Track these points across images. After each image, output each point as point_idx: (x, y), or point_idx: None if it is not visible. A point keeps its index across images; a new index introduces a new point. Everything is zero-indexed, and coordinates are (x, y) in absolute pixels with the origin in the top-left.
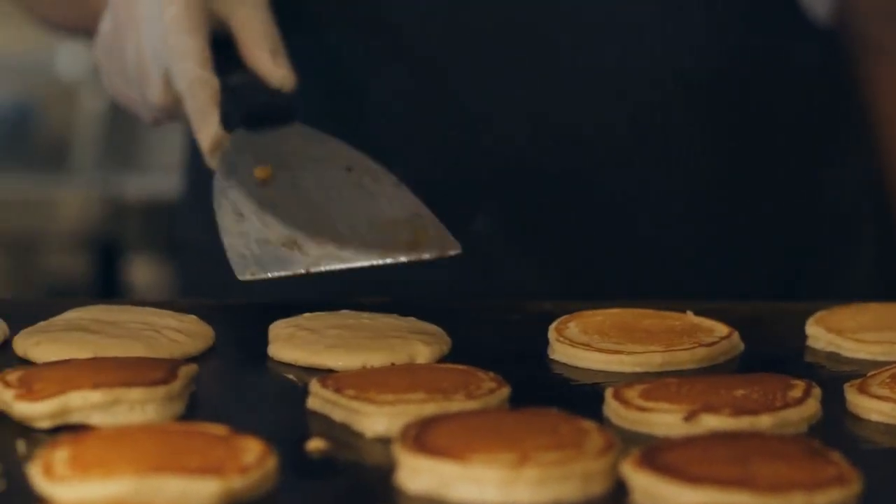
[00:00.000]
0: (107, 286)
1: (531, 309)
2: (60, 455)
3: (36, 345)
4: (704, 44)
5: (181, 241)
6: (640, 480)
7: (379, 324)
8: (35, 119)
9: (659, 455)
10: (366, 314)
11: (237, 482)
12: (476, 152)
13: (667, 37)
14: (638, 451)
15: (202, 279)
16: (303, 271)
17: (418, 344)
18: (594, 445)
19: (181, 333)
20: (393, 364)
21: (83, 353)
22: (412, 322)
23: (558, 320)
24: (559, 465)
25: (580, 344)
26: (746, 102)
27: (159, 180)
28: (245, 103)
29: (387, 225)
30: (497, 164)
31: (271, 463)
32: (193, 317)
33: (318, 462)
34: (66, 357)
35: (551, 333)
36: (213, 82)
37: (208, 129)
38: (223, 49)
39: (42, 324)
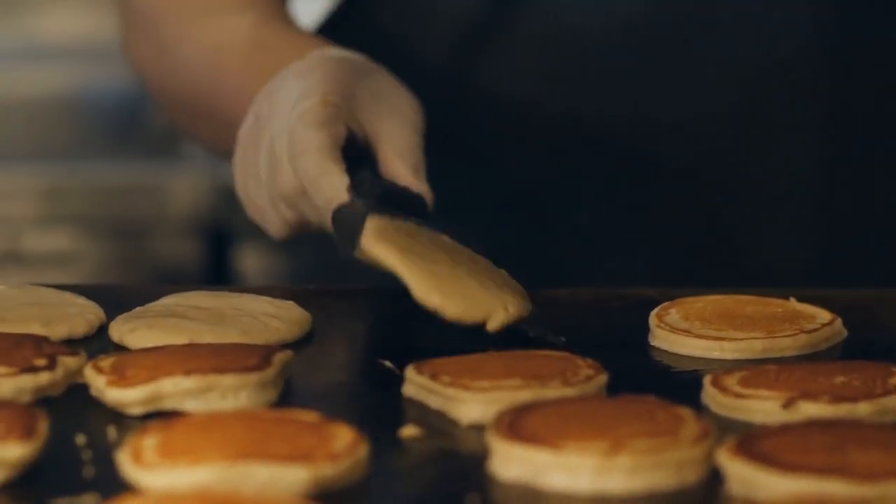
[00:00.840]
0: (217, 273)
1: (633, 296)
2: (149, 442)
3: (131, 331)
4: (811, 32)
5: None
6: (736, 469)
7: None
8: (148, 106)
9: (755, 443)
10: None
11: (327, 469)
12: (580, 143)
13: (773, 26)
14: (733, 438)
15: (313, 266)
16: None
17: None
18: (689, 433)
19: (277, 319)
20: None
21: (178, 340)
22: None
23: (659, 307)
24: (653, 452)
25: (681, 330)
26: (854, 91)
27: None
28: (379, 186)
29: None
30: (601, 154)
31: (362, 450)
32: (291, 303)
33: (410, 450)
34: (161, 343)
35: (652, 320)
36: (340, 174)
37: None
38: (361, 161)
39: (138, 309)
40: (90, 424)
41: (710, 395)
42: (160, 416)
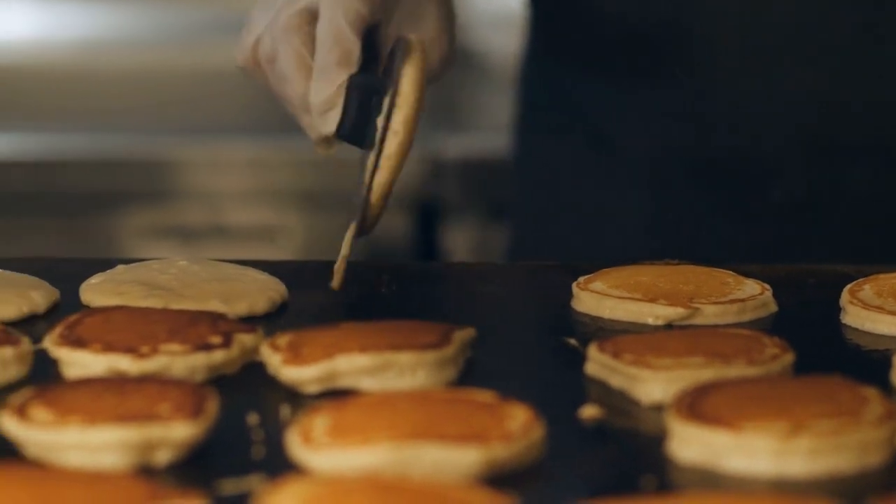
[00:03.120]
0: (426, 248)
1: (827, 272)
2: (319, 421)
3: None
4: None
5: (507, 202)
6: None
7: None
8: None
9: None
10: None
11: (500, 450)
12: (774, 123)
13: None
14: None
15: (526, 241)
16: None
17: None
18: (873, 414)
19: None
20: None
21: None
22: None
23: (853, 283)
24: (834, 434)
25: (873, 307)
26: None
27: (481, 140)
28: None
29: None
30: (794, 134)
31: (537, 431)
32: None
33: (589, 430)
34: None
35: (844, 296)
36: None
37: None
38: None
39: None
40: (264, 403)
41: None
42: (336, 395)
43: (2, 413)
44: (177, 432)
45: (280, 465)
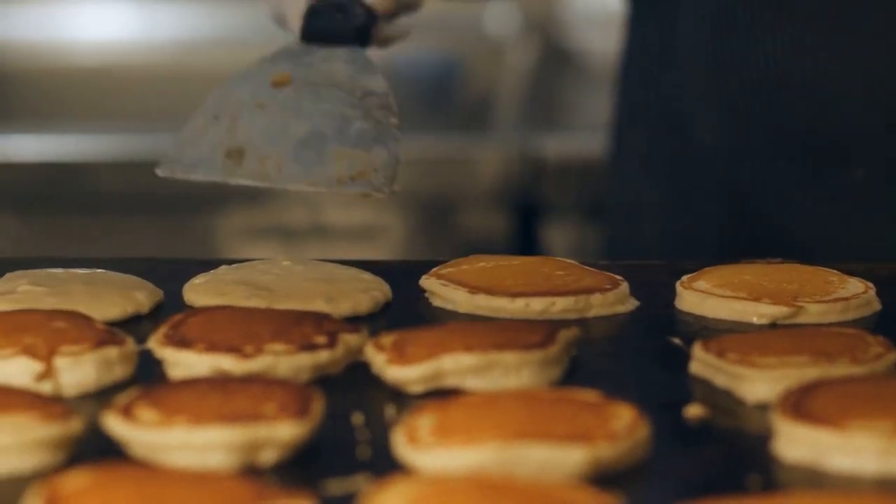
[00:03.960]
0: (525, 246)
1: None
2: (425, 421)
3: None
4: None
5: (605, 202)
6: None
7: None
8: (460, 77)
9: None
10: None
11: (605, 450)
12: (852, 105)
13: None
14: None
15: (625, 241)
16: (219, 180)
17: None
18: None
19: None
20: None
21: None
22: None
23: None
24: None
25: None
26: None
27: (581, 140)
28: (327, 18)
29: (342, 154)
30: (873, 115)
31: (643, 430)
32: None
33: (694, 429)
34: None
35: None
36: None
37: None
38: None
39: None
40: (369, 403)
41: None
42: (441, 395)
43: (108, 413)
44: (282, 432)
45: (385, 465)
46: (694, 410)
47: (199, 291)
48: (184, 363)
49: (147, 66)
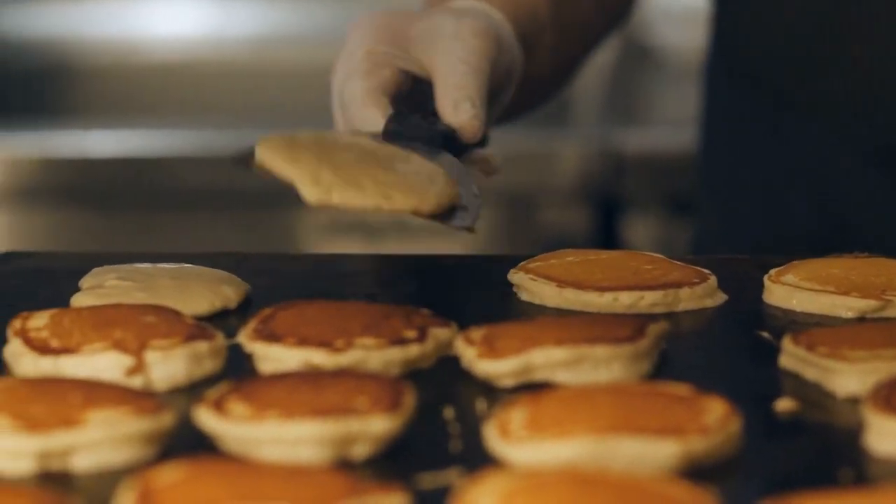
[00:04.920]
0: (605, 241)
1: None
2: (517, 415)
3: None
4: None
5: (689, 196)
6: None
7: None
8: None
9: None
10: None
11: (697, 444)
12: None
13: None
14: None
15: (712, 237)
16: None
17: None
18: None
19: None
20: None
21: None
22: None
23: None
24: None
25: None
26: None
27: (662, 135)
28: (418, 122)
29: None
30: None
31: (735, 424)
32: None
33: (785, 423)
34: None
35: None
36: (377, 113)
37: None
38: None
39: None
40: (459, 397)
41: None
42: (531, 389)
43: (200, 407)
44: (375, 426)
45: (477, 459)
46: (784, 404)
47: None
48: (274, 357)
49: (225, 62)
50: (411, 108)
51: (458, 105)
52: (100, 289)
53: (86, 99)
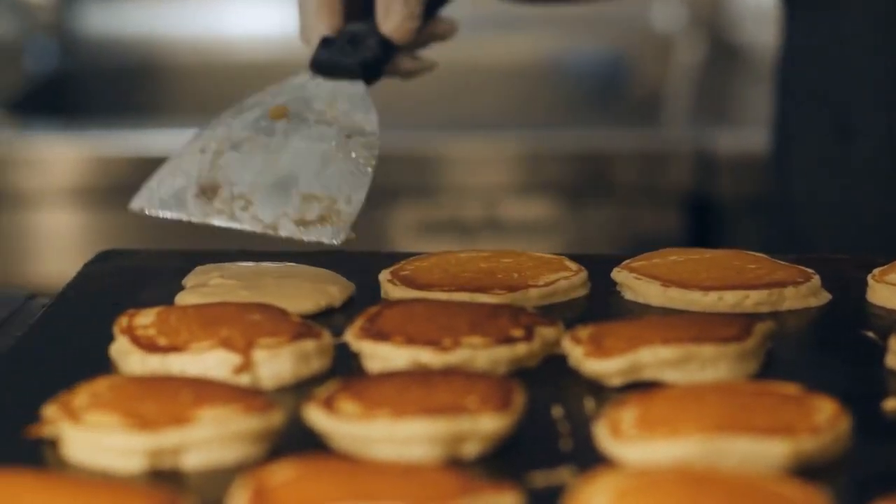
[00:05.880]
0: (696, 240)
1: None
2: (627, 414)
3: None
4: None
5: (776, 197)
6: None
7: None
8: (629, 72)
9: None
10: None
11: (808, 443)
12: None
13: None
14: None
15: (797, 235)
16: (185, 219)
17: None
18: None
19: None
20: None
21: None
22: None
23: None
24: None
25: None
26: None
27: (751, 134)
28: (336, 50)
29: (308, 197)
30: None
31: (844, 423)
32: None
33: (893, 422)
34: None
35: None
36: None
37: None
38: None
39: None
40: (567, 396)
41: None
42: (638, 388)
43: (310, 406)
44: (485, 425)
45: (588, 458)
46: (892, 404)
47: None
48: (382, 356)
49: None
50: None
51: (389, 6)
52: (204, 287)
53: (177, 97)
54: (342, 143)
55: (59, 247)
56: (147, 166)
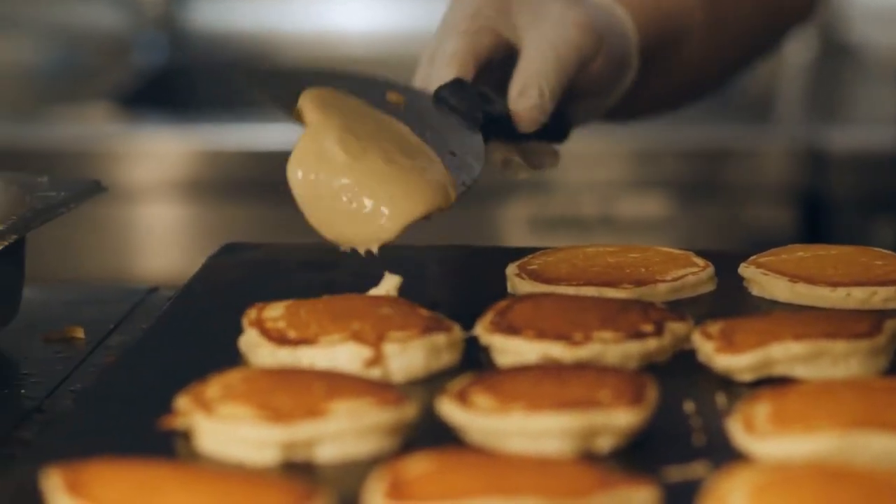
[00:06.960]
0: (810, 239)
1: None
2: (761, 409)
3: None
4: None
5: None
6: None
7: None
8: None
9: None
10: None
11: None
12: None
13: None
14: None
15: None
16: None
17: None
18: None
19: None
20: None
21: None
22: None
23: None
24: None
25: None
26: None
27: (865, 133)
28: (465, 92)
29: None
30: None
31: None
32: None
33: None
34: None
35: None
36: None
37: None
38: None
39: None
40: (698, 391)
41: None
42: (769, 383)
43: (444, 399)
44: (619, 419)
45: (722, 453)
46: None
47: None
48: (513, 350)
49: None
50: (499, 77)
51: (525, 91)
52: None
53: None
54: (444, 156)
55: (167, 241)
56: (255, 160)
